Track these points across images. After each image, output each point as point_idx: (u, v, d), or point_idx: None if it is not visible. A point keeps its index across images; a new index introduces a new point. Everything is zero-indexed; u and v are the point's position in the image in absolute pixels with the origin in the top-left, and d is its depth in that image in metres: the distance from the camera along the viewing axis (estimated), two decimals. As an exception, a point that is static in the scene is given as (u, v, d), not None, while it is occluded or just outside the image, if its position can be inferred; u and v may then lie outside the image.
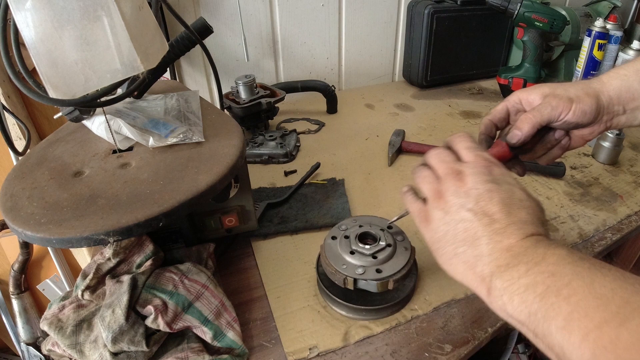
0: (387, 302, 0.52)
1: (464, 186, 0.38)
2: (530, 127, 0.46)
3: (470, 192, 0.37)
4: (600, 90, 0.48)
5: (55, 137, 0.57)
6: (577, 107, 0.46)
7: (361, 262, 0.50)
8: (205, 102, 0.64)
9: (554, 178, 0.80)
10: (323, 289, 0.54)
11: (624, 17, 1.33)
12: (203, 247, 0.55)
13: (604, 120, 0.49)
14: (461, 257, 0.36)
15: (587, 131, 0.50)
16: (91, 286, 0.47)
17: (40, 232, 0.40)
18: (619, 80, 0.48)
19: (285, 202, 0.72)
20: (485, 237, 0.35)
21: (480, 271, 0.35)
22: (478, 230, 0.36)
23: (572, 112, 0.46)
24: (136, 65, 0.40)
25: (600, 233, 0.67)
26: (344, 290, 0.51)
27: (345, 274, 0.49)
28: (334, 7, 1.11)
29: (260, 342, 0.50)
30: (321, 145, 0.93)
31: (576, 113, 0.46)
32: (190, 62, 1.04)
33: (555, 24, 1.05)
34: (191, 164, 0.49)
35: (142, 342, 0.42)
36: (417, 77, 1.21)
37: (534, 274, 0.31)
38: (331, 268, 0.51)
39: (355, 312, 0.52)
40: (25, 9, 0.35)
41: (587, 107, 0.47)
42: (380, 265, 0.50)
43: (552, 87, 0.49)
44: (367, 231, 0.54)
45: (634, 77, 0.47)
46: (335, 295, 0.52)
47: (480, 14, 1.15)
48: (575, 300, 0.28)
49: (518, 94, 0.51)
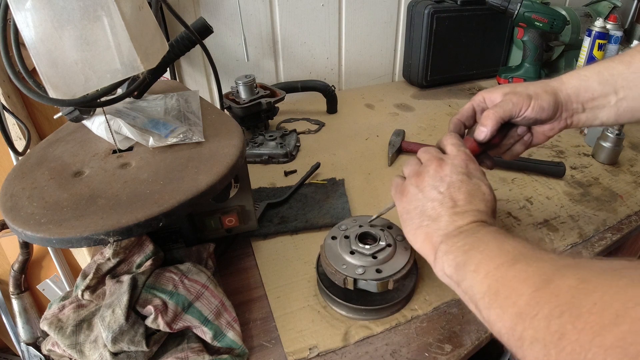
0: (387, 302, 0.52)
1: (441, 172, 0.45)
2: (494, 122, 0.50)
3: (445, 178, 0.44)
4: (559, 88, 0.51)
5: (55, 137, 0.57)
6: (535, 103, 0.50)
7: (361, 262, 0.50)
8: (205, 102, 0.64)
9: (554, 178, 0.79)
10: (323, 289, 0.54)
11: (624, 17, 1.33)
12: (203, 247, 0.55)
13: (563, 117, 0.52)
14: (424, 229, 0.44)
15: (548, 127, 0.53)
16: (91, 286, 0.47)
17: (40, 232, 0.40)
18: (578, 80, 0.51)
19: (285, 202, 0.72)
20: (446, 216, 0.43)
21: (434, 240, 0.42)
22: (442, 210, 0.43)
23: (531, 107, 0.50)
24: (136, 65, 0.40)
25: (600, 233, 0.67)
26: (344, 290, 0.51)
27: (345, 274, 0.49)
28: (334, 7, 1.11)
29: (260, 342, 0.50)
30: (321, 145, 0.93)
31: (535, 109, 0.50)
32: (190, 62, 1.04)
33: (555, 24, 1.05)
34: (191, 164, 0.49)
35: (142, 342, 0.42)
36: (417, 77, 1.21)
37: (466, 239, 0.39)
38: (331, 268, 0.51)
39: (355, 312, 0.52)
40: (25, 9, 0.35)
41: (545, 104, 0.50)
42: (381, 265, 0.50)
43: (512, 87, 0.53)
44: (367, 231, 0.55)
45: (594, 77, 0.50)
46: (335, 295, 0.52)
47: (480, 14, 1.15)
48: (486, 252, 0.36)
49: (482, 93, 0.56)
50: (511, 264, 0.34)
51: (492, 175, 0.79)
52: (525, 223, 0.68)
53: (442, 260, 0.40)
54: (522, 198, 0.74)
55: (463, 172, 0.45)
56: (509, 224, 0.68)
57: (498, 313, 0.32)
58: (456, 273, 0.38)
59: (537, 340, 0.27)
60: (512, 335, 0.30)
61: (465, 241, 0.39)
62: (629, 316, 0.23)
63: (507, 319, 0.31)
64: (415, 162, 0.49)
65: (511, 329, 0.30)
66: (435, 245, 0.42)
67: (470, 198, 0.43)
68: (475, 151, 0.52)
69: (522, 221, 0.69)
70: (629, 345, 0.22)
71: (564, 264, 0.30)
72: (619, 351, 0.22)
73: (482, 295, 0.34)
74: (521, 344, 0.29)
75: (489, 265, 0.35)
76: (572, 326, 0.25)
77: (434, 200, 0.44)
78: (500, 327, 0.32)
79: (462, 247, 0.39)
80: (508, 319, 0.31)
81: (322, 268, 0.54)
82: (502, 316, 0.31)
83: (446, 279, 0.40)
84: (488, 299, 0.33)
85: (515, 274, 0.32)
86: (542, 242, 0.64)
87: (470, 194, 0.43)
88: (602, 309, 0.24)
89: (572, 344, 0.24)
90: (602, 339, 0.23)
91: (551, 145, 0.91)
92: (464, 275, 0.37)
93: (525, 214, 0.70)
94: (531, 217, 0.70)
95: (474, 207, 0.43)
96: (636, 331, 0.22)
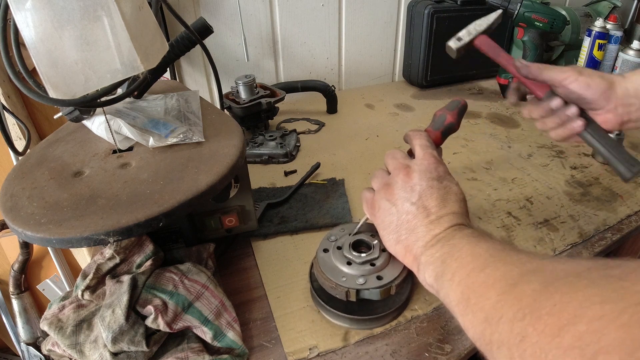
0: (390, 308, 0.51)
1: (410, 181, 0.45)
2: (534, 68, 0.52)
3: (415, 187, 0.44)
4: (618, 80, 0.51)
5: (55, 137, 0.57)
6: (582, 78, 0.50)
7: (360, 272, 0.49)
8: (205, 102, 0.64)
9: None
10: (321, 303, 0.51)
11: (624, 17, 1.33)
12: (203, 247, 0.55)
13: (619, 111, 0.51)
14: (403, 242, 0.44)
15: (600, 118, 0.53)
16: (91, 286, 0.47)
17: (40, 232, 0.40)
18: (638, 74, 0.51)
19: (285, 202, 0.72)
20: (422, 226, 0.42)
21: (415, 252, 0.43)
22: (418, 221, 0.43)
23: (576, 81, 0.50)
24: (136, 65, 0.40)
25: (600, 233, 0.67)
26: (344, 302, 0.50)
27: (346, 286, 0.48)
28: (334, 7, 1.11)
29: (260, 342, 0.50)
30: (321, 145, 0.93)
31: (580, 83, 0.50)
32: (190, 62, 1.04)
33: (555, 24, 1.05)
34: (191, 164, 0.49)
35: (142, 342, 0.42)
36: (417, 77, 1.21)
37: (443, 248, 0.40)
38: (330, 282, 0.48)
39: (359, 323, 0.51)
40: (25, 9, 0.35)
41: (593, 83, 0.50)
42: (380, 272, 0.49)
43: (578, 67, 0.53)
44: (359, 239, 0.53)
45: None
46: (335, 308, 0.50)
47: (480, 14, 1.13)
48: (460, 259, 0.37)
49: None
50: (481, 269, 0.34)
51: (492, 175, 0.79)
52: (525, 223, 0.68)
53: (423, 271, 0.41)
54: (522, 198, 0.74)
55: (431, 178, 0.44)
56: (509, 224, 0.68)
57: (470, 319, 0.32)
58: (436, 283, 0.39)
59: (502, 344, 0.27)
60: (482, 340, 0.30)
61: (443, 250, 0.40)
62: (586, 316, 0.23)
63: (477, 324, 0.31)
64: (382, 174, 0.49)
65: (481, 334, 0.30)
66: (417, 257, 0.42)
67: (443, 203, 0.43)
68: (439, 141, 0.53)
69: (522, 221, 0.69)
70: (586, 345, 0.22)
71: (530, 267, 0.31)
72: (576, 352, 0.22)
73: (457, 302, 0.35)
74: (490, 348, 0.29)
75: (461, 272, 0.36)
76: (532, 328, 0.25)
77: (407, 212, 0.44)
78: (472, 333, 0.32)
79: (440, 257, 0.39)
80: (478, 324, 0.31)
81: (318, 283, 0.51)
82: (473, 321, 0.32)
83: (429, 288, 0.41)
84: (462, 306, 0.34)
85: (484, 279, 0.33)
86: (542, 242, 0.64)
87: (443, 198, 0.43)
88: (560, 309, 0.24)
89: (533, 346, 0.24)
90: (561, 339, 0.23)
91: (551, 145, 0.91)
92: (442, 284, 0.38)
93: (525, 213, 0.70)
94: (531, 217, 0.70)
95: (448, 211, 0.43)
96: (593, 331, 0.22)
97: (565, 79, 0.51)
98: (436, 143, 0.52)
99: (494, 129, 1.00)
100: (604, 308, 0.22)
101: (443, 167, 0.47)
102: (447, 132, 0.54)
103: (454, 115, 0.54)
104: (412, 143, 0.50)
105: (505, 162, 0.85)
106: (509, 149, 0.90)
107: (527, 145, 0.91)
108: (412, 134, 0.51)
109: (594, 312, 0.22)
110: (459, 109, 0.55)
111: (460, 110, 0.55)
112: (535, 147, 0.91)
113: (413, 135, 0.51)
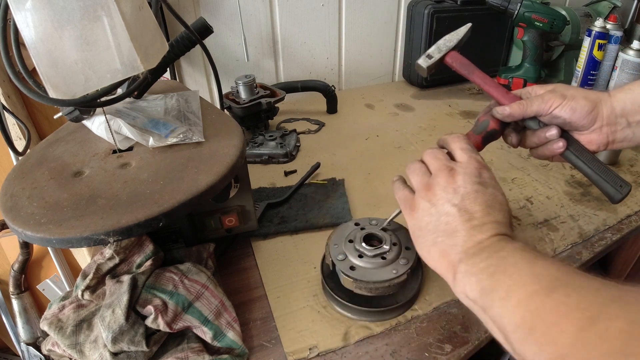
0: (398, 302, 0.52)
1: (454, 183, 0.42)
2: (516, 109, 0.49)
3: (459, 189, 0.41)
4: (603, 99, 0.49)
5: (55, 137, 0.57)
6: (567, 103, 0.48)
7: (371, 265, 0.50)
8: (205, 102, 0.64)
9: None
10: (329, 291, 0.53)
11: (624, 17, 1.33)
12: (203, 247, 0.55)
13: (604, 131, 0.49)
14: (439, 245, 0.40)
15: (585, 139, 0.50)
16: (91, 286, 0.47)
17: (40, 232, 0.40)
18: (624, 92, 0.49)
19: (285, 202, 0.72)
20: (463, 230, 0.39)
21: (452, 259, 0.39)
22: (458, 224, 0.40)
23: (561, 107, 0.48)
24: (136, 65, 0.40)
25: (600, 233, 0.67)
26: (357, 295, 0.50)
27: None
28: (334, 7, 1.11)
29: (260, 342, 0.50)
30: (321, 145, 0.93)
31: (565, 108, 0.48)
32: (190, 62, 1.04)
33: (555, 24, 1.05)
34: (191, 164, 0.49)
35: (142, 342, 0.42)
36: (417, 77, 1.21)
37: (490, 259, 0.36)
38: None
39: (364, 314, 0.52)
40: (25, 9, 0.35)
41: (578, 106, 0.48)
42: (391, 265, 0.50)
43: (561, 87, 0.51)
44: (370, 232, 0.54)
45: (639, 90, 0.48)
46: (342, 298, 0.52)
47: (480, 14, 1.15)
48: (516, 276, 0.33)
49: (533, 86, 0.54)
50: (547, 293, 0.30)
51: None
52: (526, 223, 0.68)
53: (463, 282, 0.37)
54: (522, 198, 0.74)
55: (477, 182, 0.41)
56: (509, 224, 0.68)
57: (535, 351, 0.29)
58: (481, 298, 0.35)
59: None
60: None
61: (489, 261, 0.36)
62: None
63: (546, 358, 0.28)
64: (423, 172, 0.45)
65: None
66: (453, 264, 0.39)
67: (487, 209, 0.40)
68: (479, 147, 0.51)
69: (522, 221, 0.69)
70: None
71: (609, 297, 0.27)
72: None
73: (515, 327, 0.31)
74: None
75: (520, 292, 0.32)
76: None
77: (448, 214, 0.40)
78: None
79: (487, 269, 0.35)
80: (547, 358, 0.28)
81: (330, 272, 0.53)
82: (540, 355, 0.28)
83: (468, 302, 0.37)
84: (522, 333, 0.30)
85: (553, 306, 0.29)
86: (542, 242, 0.64)
87: (488, 204, 0.40)
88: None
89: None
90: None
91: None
92: (492, 302, 0.33)
93: (526, 213, 0.70)
94: (531, 217, 0.70)
95: (492, 219, 0.39)
96: None
97: (550, 107, 0.48)
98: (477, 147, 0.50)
99: (494, 129, 1.00)
100: None
101: (489, 173, 0.44)
102: (489, 139, 0.53)
103: (498, 123, 0.52)
104: (450, 147, 0.47)
105: (505, 162, 0.85)
106: (509, 149, 0.90)
107: (527, 145, 0.91)
108: (450, 138, 0.48)
109: None
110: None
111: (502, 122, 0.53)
112: (535, 147, 0.90)
113: (451, 139, 0.47)
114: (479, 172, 0.43)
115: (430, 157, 0.46)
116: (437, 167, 0.44)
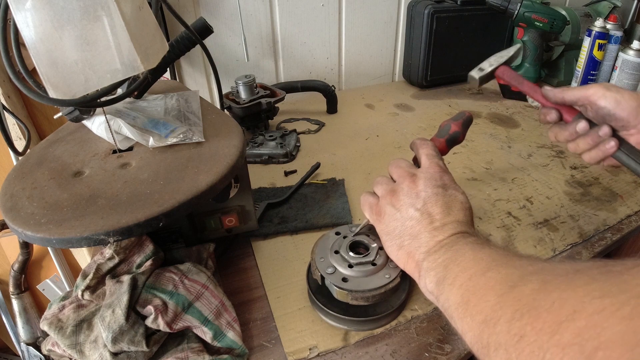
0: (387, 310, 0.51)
1: (415, 188, 0.45)
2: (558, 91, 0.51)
3: (420, 194, 0.44)
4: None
5: (55, 137, 0.57)
6: (610, 94, 0.49)
7: (363, 273, 0.49)
8: (205, 102, 0.64)
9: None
10: (319, 305, 0.51)
11: (624, 17, 1.33)
12: (203, 247, 0.55)
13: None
14: (406, 248, 0.43)
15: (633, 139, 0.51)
16: (91, 286, 0.47)
17: (40, 232, 0.40)
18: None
19: (285, 202, 0.72)
20: (425, 232, 0.42)
21: (417, 259, 0.42)
22: (421, 227, 0.43)
23: (604, 97, 0.49)
24: (136, 65, 0.40)
25: (600, 233, 0.67)
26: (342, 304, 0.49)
27: None
28: (334, 7, 1.11)
29: (260, 342, 0.50)
30: (321, 145, 0.93)
31: (608, 99, 0.49)
32: (190, 62, 1.04)
33: (555, 24, 1.05)
34: (191, 164, 0.49)
35: (142, 342, 0.42)
36: (417, 77, 1.21)
37: (447, 253, 0.39)
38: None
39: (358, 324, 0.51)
40: (25, 9, 0.35)
41: (622, 99, 0.48)
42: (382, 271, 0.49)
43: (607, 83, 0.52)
44: (356, 240, 0.53)
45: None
46: (334, 311, 0.50)
47: (480, 14, 1.15)
48: (463, 264, 0.36)
49: None
50: (482, 273, 0.33)
51: (492, 175, 0.79)
52: (525, 223, 0.68)
53: (424, 277, 0.40)
54: (522, 198, 0.74)
55: (437, 185, 0.45)
56: (509, 224, 0.68)
57: (468, 322, 0.32)
58: (436, 288, 0.38)
59: (500, 345, 0.27)
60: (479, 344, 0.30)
61: (445, 256, 0.39)
62: (585, 311, 0.22)
63: (475, 326, 0.30)
64: (387, 180, 0.49)
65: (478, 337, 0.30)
66: (418, 264, 0.42)
67: (448, 210, 0.43)
68: (444, 150, 0.54)
69: (522, 221, 0.69)
70: (585, 341, 0.21)
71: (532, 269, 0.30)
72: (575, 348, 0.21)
73: (456, 306, 0.34)
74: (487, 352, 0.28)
75: (463, 276, 0.35)
76: (531, 327, 0.25)
77: (412, 218, 0.44)
78: (470, 337, 0.31)
79: (443, 263, 0.39)
80: (476, 326, 0.30)
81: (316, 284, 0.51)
82: (471, 325, 0.31)
83: (429, 296, 0.40)
84: (461, 309, 0.33)
85: (485, 282, 0.32)
86: (542, 242, 0.64)
87: (447, 205, 0.43)
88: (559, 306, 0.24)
89: (531, 345, 0.24)
90: (560, 337, 0.22)
91: (551, 145, 0.91)
92: (442, 289, 0.37)
93: (525, 213, 0.70)
94: (531, 217, 0.70)
95: (452, 219, 0.43)
96: (593, 325, 0.21)
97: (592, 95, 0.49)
98: (442, 152, 0.53)
99: (494, 129, 1.00)
100: (604, 302, 0.22)
101: (448, 176, 0.47)
102: (452, 142, 0.55)
103: (459, 125, 0.56)
104: (418, 152, 0.50)
105: (505, 162, 0.85)
106: (509, 149, 0.90)
107: (527, 145, 0.91)
108: (419, 143, 0.51)
109: (593, 306, 0.22)
110: (463, 119, 0.56)
111: (465, 121, 0.56)
112: (535, 147, 0.91)
113: (420, 144, 0.51)
114: (440, 175, 0.46)
115: (393, 166, 0.49)
116: (399, 174, 0.47)
